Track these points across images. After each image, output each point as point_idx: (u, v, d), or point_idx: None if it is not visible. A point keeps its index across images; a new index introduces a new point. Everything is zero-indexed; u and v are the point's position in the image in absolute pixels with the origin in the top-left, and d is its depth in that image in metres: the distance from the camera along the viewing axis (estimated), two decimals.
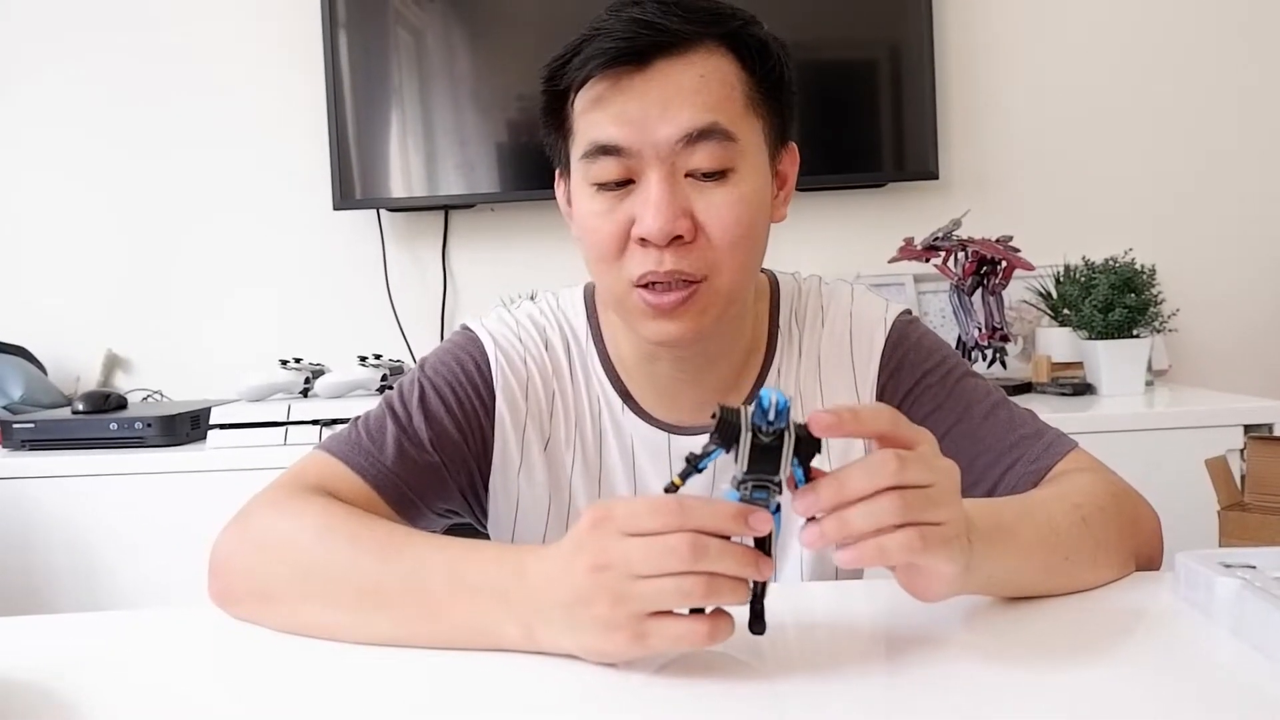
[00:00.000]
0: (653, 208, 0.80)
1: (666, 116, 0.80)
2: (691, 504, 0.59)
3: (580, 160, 0.83)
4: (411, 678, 0.65)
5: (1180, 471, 1.29)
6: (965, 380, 0.93)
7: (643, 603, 0.59)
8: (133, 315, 2.36)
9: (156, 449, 1.86)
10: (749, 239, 0.84)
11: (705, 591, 0.58)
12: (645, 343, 0.88)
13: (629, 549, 0.60)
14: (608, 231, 0.82)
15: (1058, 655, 0.64)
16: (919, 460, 0.60)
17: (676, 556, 0.58)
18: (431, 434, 0.89)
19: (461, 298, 2.36)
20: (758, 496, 0.60)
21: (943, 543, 0.60)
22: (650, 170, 0.81)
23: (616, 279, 0.84)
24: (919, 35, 2.20)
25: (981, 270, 1.97)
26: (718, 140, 0.80)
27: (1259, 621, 0.63)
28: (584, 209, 0.84)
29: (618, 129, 0.80)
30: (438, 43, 2.24)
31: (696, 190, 0.81)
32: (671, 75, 0.80)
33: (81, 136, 2.35)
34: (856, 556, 0.59)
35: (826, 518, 0.59)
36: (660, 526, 0.59)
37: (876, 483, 0.59)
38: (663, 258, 0.81)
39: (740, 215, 0.82)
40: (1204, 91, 2.28)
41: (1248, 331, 2.28)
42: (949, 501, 0.61)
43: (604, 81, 0.81)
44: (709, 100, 0.80)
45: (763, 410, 0.59)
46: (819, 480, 0.60)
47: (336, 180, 2.23)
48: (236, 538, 0.80)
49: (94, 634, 0.79)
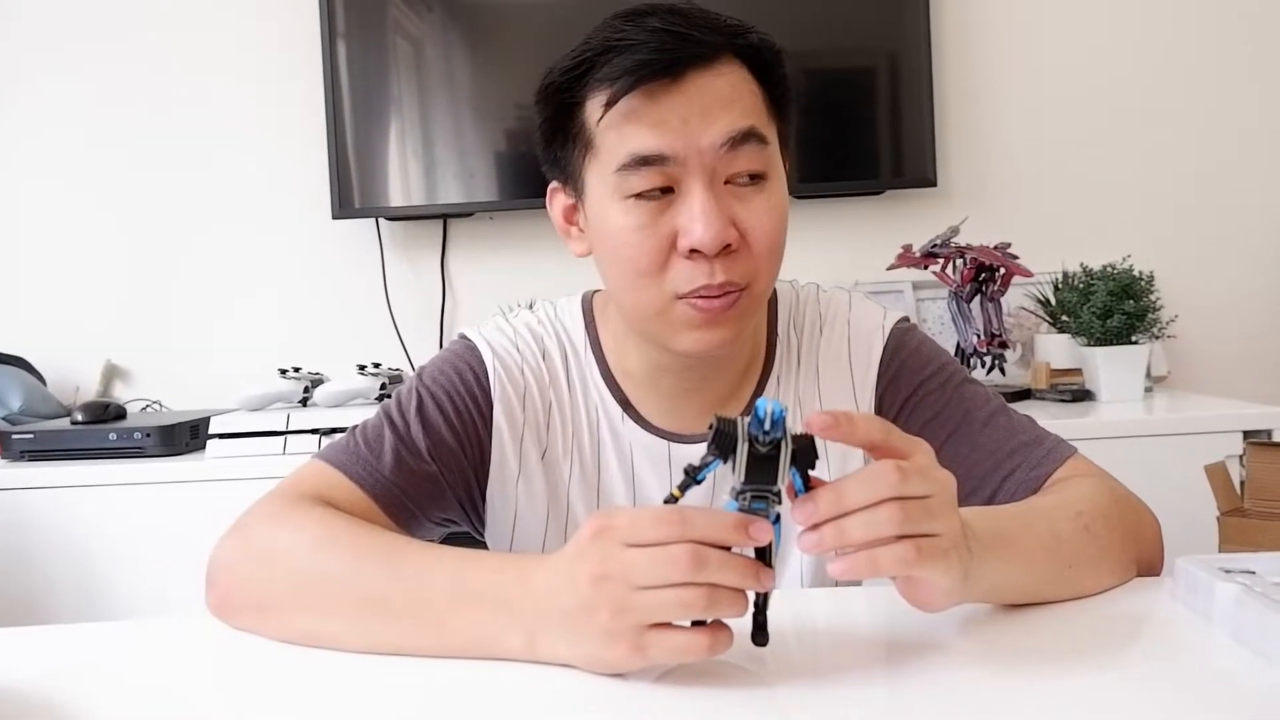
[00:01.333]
0: (702, 218, 0.79)
1: (707, 123, 0.79)
2: (693, 514, 0.59)
3: (615, 173, 0.81)
4: (411, 687, 0.65)
5: (1179, 477, 1.28)
6: (964, 387, 0.93)
7: (643, 614, 0.59)
8: (132, 325, 2.36)
9: (156, 459, 1.85)
10: (782, 245, 0.85)
11: (706, 603, 0.58)
12: (668, 354, 0.88)
13: (630, 559, 0.60)
14: (650, 245, 0.81)
15: (1058, 661, 0.64)
16: (919, 472, 0.60)
17: (678, 567, 0.58)
18: (429, 443, 0.89)
19: (460, 306, 2.36)
20: (756, 507, 0.60)
21: (939, 555, 0.60)
22: (692, 180, 0.80)
23: (659, 294, 0.83)
24: (917, 43, 2.20)
25: (980, 277, 1.97)
26: (755, 144, 0.81)
27: (1259, 626, 0.63)
28: (617, 224, 0.82)
29: (659, 138, 0.79)
30: (436, 52, 2.24)
31: (736, 197, 0.82)
32: (704, 85, 0.80)
33: (81, 146, 2.35)
34: (849, 567, 0.59)
35: (825, 525, 0.59)
36: (662, 537, 0.59)
37: (876, 494, 0.59)
38: (714, 269, 0.80)
39: (777, 220, 0.83)
40: (1202, 99, 2.28)
41: (1246, 337, 2.29)
42: (946, 513, 0.61)
43: (636, 94, 0.79)
44: (744, 106, 0.81)
45: (759, 420, 0.59)
46: (818, 490, 0.60)
47: (335, 189, 2.23)
48: (235, 548, 0.80)
49: (92, 644, 0.78)
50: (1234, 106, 2.28)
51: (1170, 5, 2.28)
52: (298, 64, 2.28)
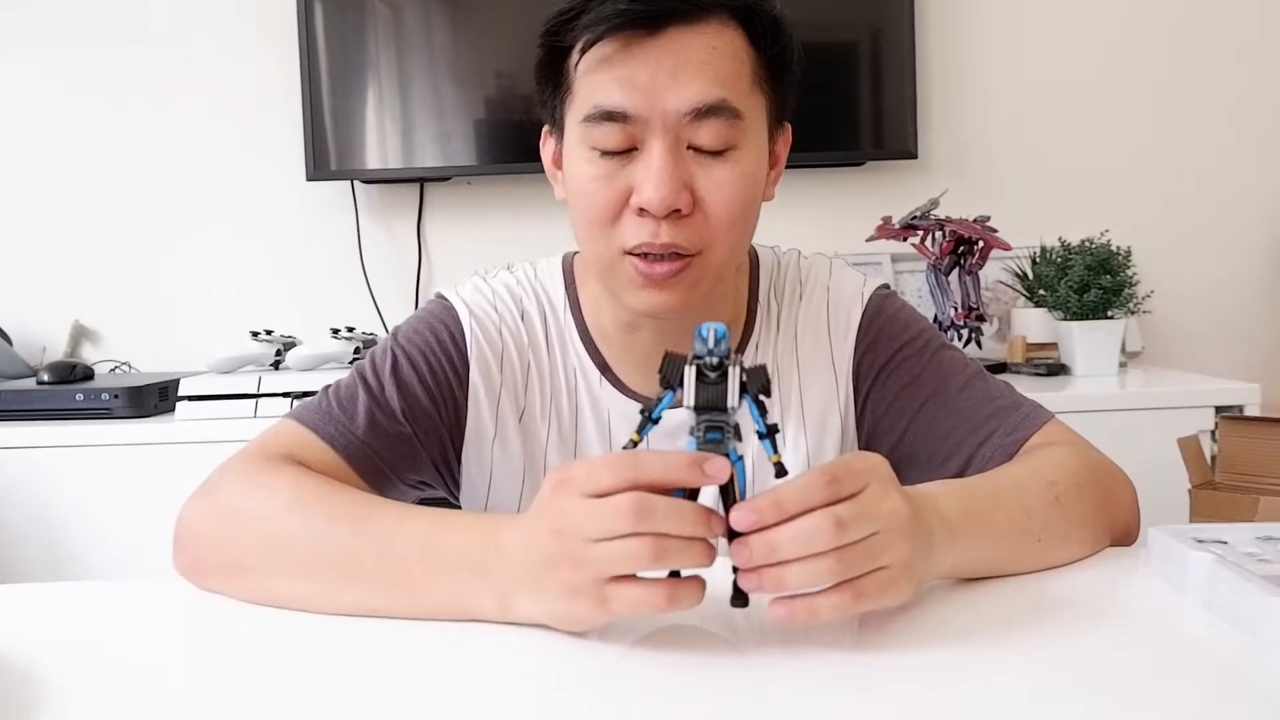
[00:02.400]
0: (654, 178, 0.78)
1: (676, 86, 0.78)
2: (645, 457, 0.58)
3: (581, 123, 0.81)
4: (384, 648, 0.64)
5: (1152, 451, 1.29)
6: (941, 353, 0.93)
7: (599, 566, 0.58)
8: (101, 286, 2.32)
9: (124, 420, 1.83)
10: (745, 217, 0.83)
11: (653, 553, 0.57)
12: (628, 311, 0.87)
13: (583, 510, 0.59)
14: (604, 197, 0.81)
15: (1032, 630, 0.64)
16: (858, 518, 0.58)
17: (621, 517, 0.57)
18: (404, 404, 0.88)
19: (436, 271, 2.34)
20: (711, 438, 0.58)
21: (886, 585, 0.59)
22: (654, 139, 0.79)
23: (608, 246, 0.82)
24: (900, 14, 2.19)
25: (959, 250, 1.97)
26: (725, 117, 0.79)
27: (1231, 596, 0.63)
28: (580, 172, 0.82)
29: (624, 94, 0.78)
30: (415, 14, 2.20)
31: (698, 164, 0.80)
32: (683, 43, 0.78)
33: (51, 104, 2.30)
34: (788, 615, 0.58)
35: (764, 570, 0.58)
36: (614, 482, 0.58)
37: (811, 547, 0.57)
38: (659, 229, 0.79)
39: (739, 193, 0.81)
40: (1183, 76, 2.28)
41: (1220, 314, 2.30)
42: (893, 544, 0.60)
43: (613, 43, 0.78)
44: (719, 74, 0.79)
45: (702, 339, 0.58)
46: (758, 506, 0.57)
47: (310, 151, 2.20)
48: (204, 508, 0.78)
49: (58, 605, 0.77)
50: (1216, 86, 2.28)
51: None
52: (274, 24, 2.24)
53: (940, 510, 0.66)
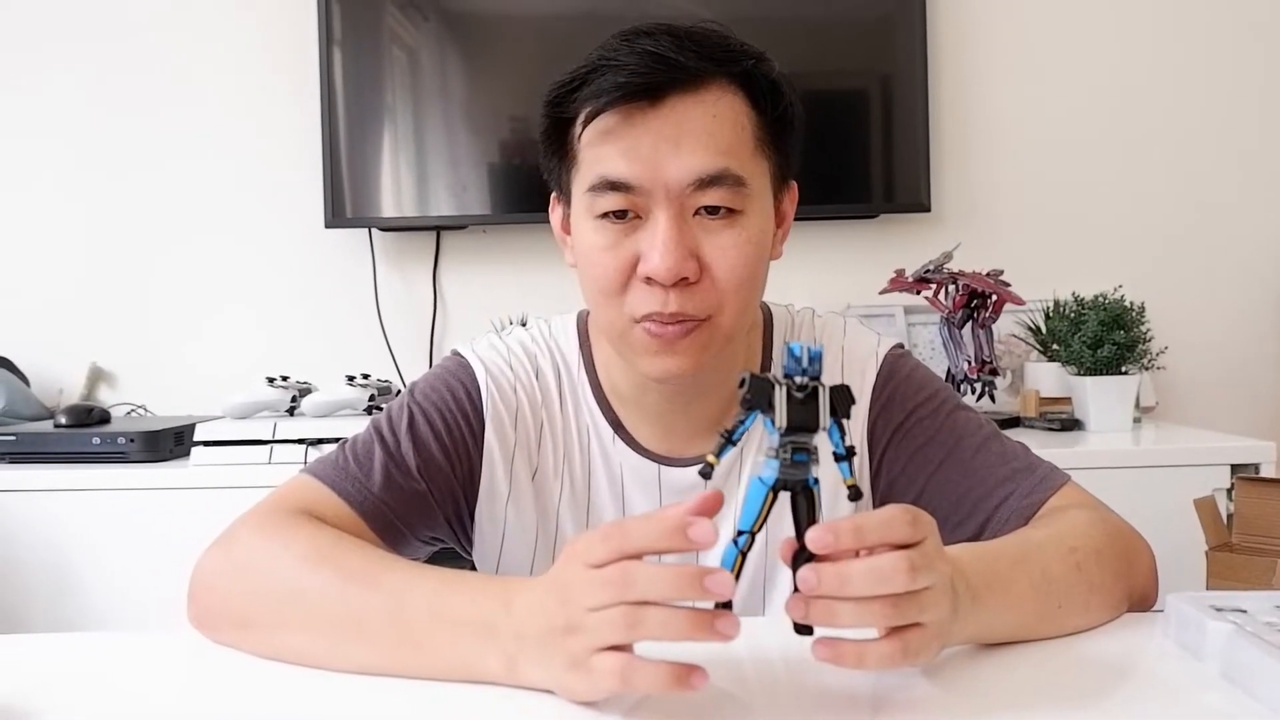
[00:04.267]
0: (660, 248, 0.79)
1: (678, 157, 0.79)
2: (632, 525, 0.58)
3: (586, 193, 0.82)
4: (392, 706, 0.64)
5: (1167, 509, 1.29)
6: (956, 414, 0.93)
7: (589, 636, 0.58)
8: (118, 328, 2.34)
9: (139, 465, 1.84)
10: (752, 280, 0.84)
11: (626, 622, 0.56)
12: (640, 376, 0.88)
13: (581, 581, 0.58)
14: (612, 267, 0.82)
15: (1049, 698, 0.63)
16: (927, 566, 0.58)
17: (605, 587, 0.57)
18: (419, 461, 0.88)
19: (451, 319, 2.35)
20: (799, 459, 0.57)
21: (922, 645, 0.59)
22: (658, 210, 0.80)
23: (619, 314, 0.83)
24: (913, 68, 2.21)
25: (972, 303, 1.97)
26: (728, 186, 0.80)
27: (1250, 666, 0.62)
28: (587, 241, 0.83)
29: (627, 165, 0.79)
30: (432, 62, 2.24)
31: (703, 230, 0.81)
32: (684, 113, 0.79)
33: (71, 148, 2.34)
34: (834, 656, 0.58)
35: (816, 600, 0.57)
36: (606, 554, 0.58)
37: (881, 588, 0.57)
38: (668, 299, 0.80)
39: (745, 257, 0.82)
40: (1196, 130, 2.30)
41: (1234, 371, 2.30)
42: (937, 602, 0.60)
43: (614, 115, 0.80)
44: (721, 143, 0.80)
45: (795, 358, 0.56)
46: (834, 533, 0.56)
47: (328, 198, 2.23)
48: (220, 561, 0.79)
49: (70, 655, 0.77)
50: (1227, 140, 2.30)
51: (1164, 38, 2.29)
52: (293, 71, 2.28)
53: (965, 575, 0.66)
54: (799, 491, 0.59)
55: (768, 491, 0.59)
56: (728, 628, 0.55)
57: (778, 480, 0.58)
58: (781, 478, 0.58)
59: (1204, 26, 2.29)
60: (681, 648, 0.56)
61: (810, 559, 0.58)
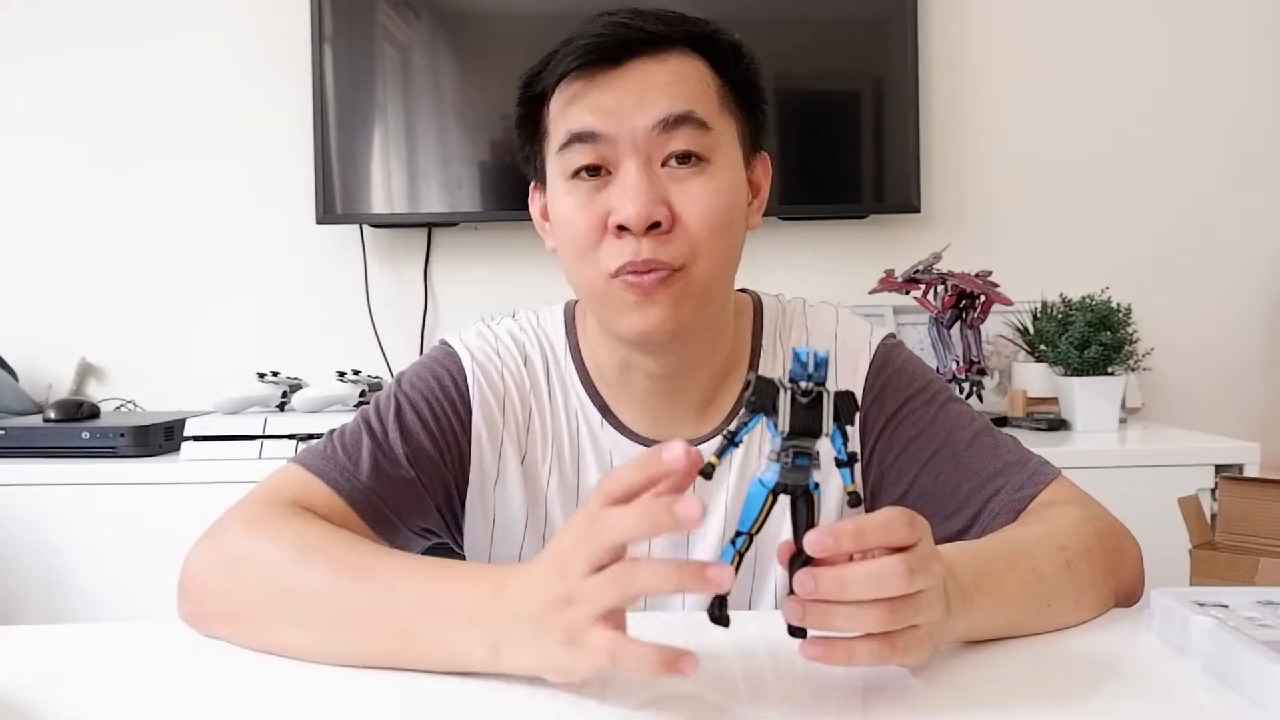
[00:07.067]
0: (629, 195, 0.81)
1: (642, 105, 0.82)
2: (614, 473, 0.59)
3: (557, 154, 0.84)
4: (385, 698, 0.64)
5: (1152, 508, 1.29)
6: (949, 406, 0.93)
7: (588, 606, 0.58)
8: (108, 324, 2.34)
9: (129, 459, 1.83)
10: (727, 229, 0.84)
11: (620, 581, 0.56)
12: (623, 346, 0.88)
13: (576, 543, 0.59)
14: (585, 223, 0.83)
15: (1035, 694, 0.64)
16: (923, 568, 0.59)
17: (603, 536, 0.57)
18: (408, 450, 0.89)
19: (442, 316, 2.35)
20: (800, 464, 0.58)
21: (913, 645, 0.60)
22: (626, 159, 0.82)
23: (595, 271, 0.84)
24: (904, 69, 2.22)
25: (960, 304, 1.98)
26: (694, 127, 0.82)
27: (1232, 660, 0.63)
28: (561, 205, 0.85)
29: (594, 118, 0.82)
30: (424, 60, 2.24)
31: (673, 180, 0.82)
32: (647, 71, 0.82)
33: (60, 144, 2.33)
34: (824, 655, 0.59)
35: (812, 604, 0.58)
36: (599, 499, 0.59)
37: (880, 591, 0.57)
38: (640, 246, 0.81)
39: (718, 204, 0.83)
40: (1185, 132, 2.31)
41: (1220, 372, 2.31)
42: (931, 604, 0.61)
43: (580, 79, 0.83)
44: (684, 91, 0.83)
45: (801, 364, 0.57)
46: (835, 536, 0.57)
47: (319, 194, 2.22)
48: (208, 556, 0.79)
49: (60, 647, 0.77)
50: (1215, 143, 2.31)
51: (1154, 39, 2.31)
52: (285, 67, 2.28)
53: (955, 575, 0.67)
54: (799, 496, 0.59)
55: (768, 494, 0.59)
56: (721, 577, 0.55)
57: (778, 483, 0.59)
58: (782, 481, 0.59)
59: (1192, 31, 2.31)
60: (673, 638, 0.57)
61: (807, 563, 0.58)
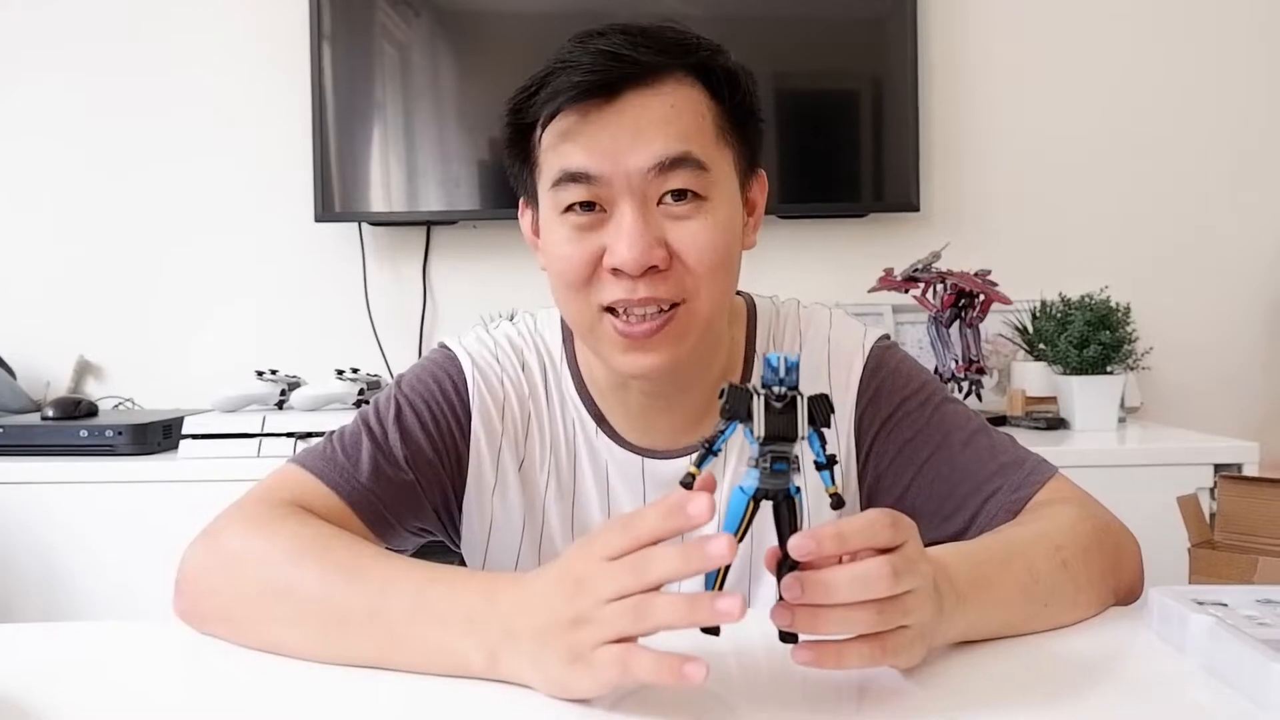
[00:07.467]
0: (626, 238, 0.79)
1: (638, 145, 0.79)
2: (640, 514, 0.59)
3: (550, 190, 0.82)
4: (385, 698, 0.64)
5: (1151, 507, 1.29)
6: (944, 406, 0.93)
7: (600, 629, 0.58)
8: (107, 322, 2.34)
9: (127, 458, 1.83)
10: (725, 265, 0.83)
11: (638, 613, 0.56)
12: (618, 373, 0.88)
13: (599, 573, 0.59)
14: (578, 259, 0.81)
15: (1033, 693, 0.64)
16: (909, 569, 0.59)
17: (633, 572, 0.57)
18: (407, 452, 0.89)
19: (441, 314, 2.35)
20: (778, 469, 0.58)
21: (904, 646, 0.60)
22: (622, 200, 0.80)
23: (585, 305, 0.83)
24: (903, 68, 2.22)
25: (960, 303, 1.98)
26: (691, 168, 0.80)
27: (1231, 658, 0.63)
28: (553, 237, 0.83)
29: (588, 158, 0.79)
30: (423, 58, 2.24)
31: (669, 219, 0.81)
32: (642, 106, 0.79)
33: (57, 143, 2.32)
34: (815, 659, 0.59)
35: (800, 608, 0.58)
36: (626, 543, 0.58)
37: (866, 594, 0.57)
38: (636, 286, 0.80)
39: (715, 241, 0.81)
40: (1184, 132, 2.31)
41: (1219, 372, 2.31)
42: (920, 605, 0.61)
43: (572, 115, 0.80)
44: (680, 130, 0.80)
45: (772, 369, 0.57)
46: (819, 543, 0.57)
47: (318, 192, 2.22)
48: (206, 555, 0.79)
49: (58, 645, 0.77)
50: (1214, 143, 2.31)
51: (1154, 39, 2.31)
52: (284, 66, 2.28)
53: (950, 576, 0.67)
54: (780, 500, 0.59)
55: (749, 501, 0.59)
56: (731, 608, 0.55)
57: (758, 489, 0.59)
58: (762, 487, 0.59)
59: (1192, 31, 2.31)
60: (678, 642, 0.57)
61: (794, 567, 0.58)
